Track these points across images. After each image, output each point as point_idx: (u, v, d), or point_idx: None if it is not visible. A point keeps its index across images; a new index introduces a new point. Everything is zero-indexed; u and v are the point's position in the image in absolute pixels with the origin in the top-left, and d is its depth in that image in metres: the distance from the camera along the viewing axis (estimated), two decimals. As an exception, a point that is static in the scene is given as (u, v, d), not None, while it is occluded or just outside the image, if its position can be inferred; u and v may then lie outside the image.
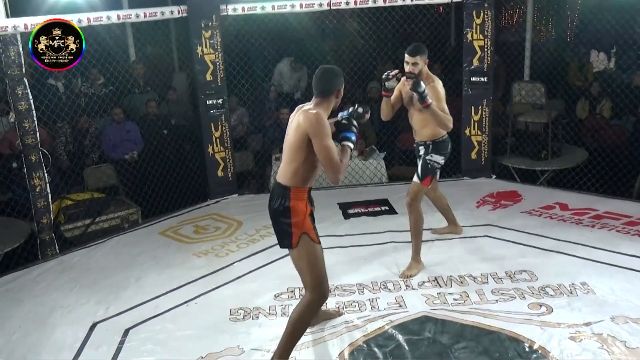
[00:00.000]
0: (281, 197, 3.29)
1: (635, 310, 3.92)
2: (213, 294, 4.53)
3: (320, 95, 3.30)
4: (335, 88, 3.30)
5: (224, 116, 6.37)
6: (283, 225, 3.32)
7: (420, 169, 4.64)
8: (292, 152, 3.25)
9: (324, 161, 3.18)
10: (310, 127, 3.15)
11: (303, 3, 6.21)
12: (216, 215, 6.12)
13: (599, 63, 8.22)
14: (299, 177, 3.27)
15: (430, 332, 3.85)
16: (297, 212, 3.27)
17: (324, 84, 3.30)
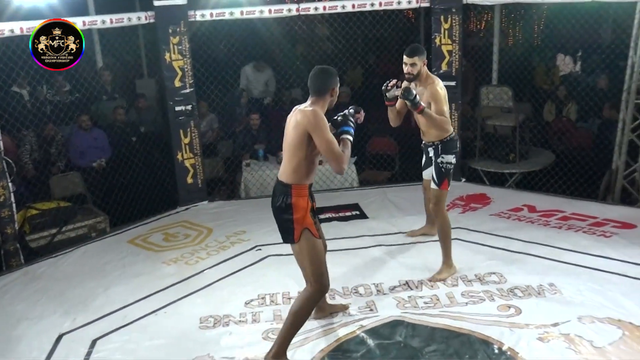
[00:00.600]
0: (283, 194, 3.41)
1: (602, 310, 3.97)
2: (183, 302, 4.48)
3: (315, 94, 3.43)
4: (330, 87, 3.43)
5: (193, 122, 6.32)
6: (285, 222, 3.44)
7: (435, 175, 4.59)
8: (292, 150, 3.38)
9: (326, 153, 3.29)
10: (309, 123, 3.29)
11: (272, 9, 6.22)
12: (186, 222, 6.06)
13: (565, 66, 8.35)
14: (299, 174, 3.39)
15: (401, 335, 3.85)
16: (298, 209, 3.38)
17: (319, 83, 3.43)
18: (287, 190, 3.40)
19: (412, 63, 4.44)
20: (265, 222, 5.80)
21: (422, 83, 4.52)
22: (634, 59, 6.00)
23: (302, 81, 7.84)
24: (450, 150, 4.60)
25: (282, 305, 4.32)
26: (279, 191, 3.44)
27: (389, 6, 6.42)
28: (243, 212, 6.22)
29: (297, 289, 4.50)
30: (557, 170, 6.68)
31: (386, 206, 6.14)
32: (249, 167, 6.85)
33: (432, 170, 4.63)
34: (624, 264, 4.62)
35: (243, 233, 5.65)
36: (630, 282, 4.36)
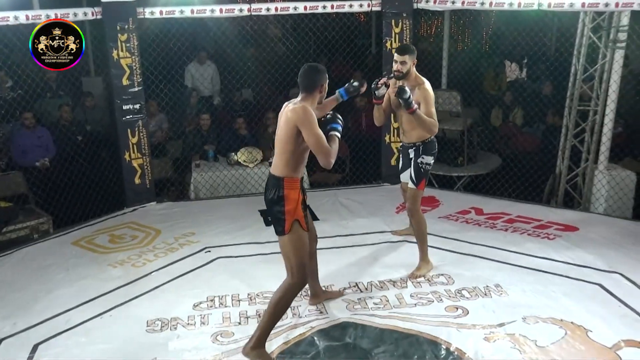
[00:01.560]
0: (275, 187, 3.53)
1: (545, 310, 4.08)
2: (129, 305, 4.38)
3: (305, 91, 3.54)
4: (318, 83, 3.55)
5: (141, 122, 6.19)
6: (277, 214, 3.54)
7: (414, 174, 4.62)
8: (283, 145, 3.50)
9: (314, 147, 3.40)
10: (298, 119, 3.41)
11: (223, 8, 6.15)
12: (133, 223, 5.93)
13: (511, 73, 8.57)
14: (290, 167, 3.51)
15: (350, 337, 3.87)
16: (290, 201, 3.51)
17: (307, 80, 3.54)
18: (279, 182, 3.51)
19: (403, 61, 4.42)
20: (214, 224, 5.78)
21: (412, 82, 4.47)
22: (577, 67, 6.19)
23: (253, 82, 7.83)
24: (430, 151, 4.64)
25: (232, 307, 4.27)
26: (271, 184, 3.56)
27: (340, 9, 6.44)
28: (192, 213, 6.13)
29: (246, 290, 4.48)
30: (504, 174, 6.83)
31: (337, 208, 6.15)
32: (199, 167, 6.76)
33: (411, 171, 4.64)
34: (566, 266, 4.75)
35: (192, 235, 5.57)
36: (572, 282, 4.50)
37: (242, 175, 6.73)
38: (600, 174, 6.07)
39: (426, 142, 4.62)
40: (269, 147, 6.95)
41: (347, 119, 7.57)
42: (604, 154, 6.07)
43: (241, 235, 5.50)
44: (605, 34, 5.97)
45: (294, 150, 3.48)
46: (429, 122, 4.43)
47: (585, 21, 6.07)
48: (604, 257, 4.87)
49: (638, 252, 4.96)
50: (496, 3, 6.02)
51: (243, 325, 4.05)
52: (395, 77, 4.50)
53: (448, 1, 6.37)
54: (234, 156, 6.83)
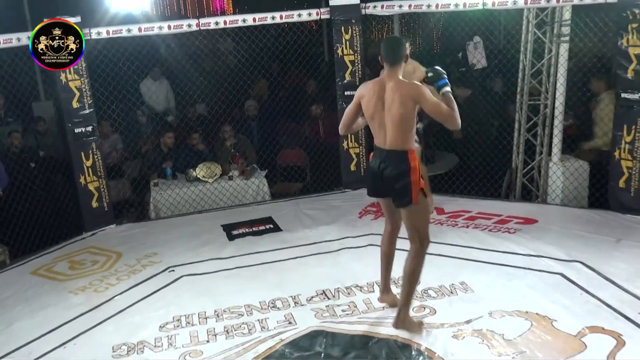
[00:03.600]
0: (400, 160, 3.66)
1: (511, 304, 4.13)
2: (93, 332, 4.28)
3: (397, 64, 3.70)
4: (404, 53, 3.74)
5: (94, 144, 6.08)
6: (405, 185, 3.65)
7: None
8: (403, 121, 3.64)
9: (440, 115, 3.58)
10: (415, 94, 3.59)
11: (171, 24, 6.10)
12: (93, 248, 5.81)
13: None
14: (410, 140, 3.69)
15: (321, 346, 3.85)
16: (415, 171, 3.65)
17: (397, 52, 3.70)
18: (404, 156, 3.65)
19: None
20: (177, 242, 5.71)
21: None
22: (525, 63, 6.33)
23: (207, 97, 7.78)
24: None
25: (199, 325, 4.21)
26: (395, 159, 3.68)
27: (289, 19, 6.46)
28: (153, 233, 6.04)
29: (213, 307, 4.42)
30: (462, 172, 6.92)
31: (299, 218, 6.14)
32: (157, 186, 6.67)
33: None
34: (528, 258, 4.83)
35: (154, 255, 5.48)
36: (535, 274, 4.57)
37: (202, 191, 6.67)
38: (554, 166, 6.20)
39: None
40: (228, 161, 6.92)
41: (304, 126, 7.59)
42: (557, 146, 6.20)
43: (204, 252, 5.44)
44: (549, 29, 6.12)
45: (413, 123, 3.67)
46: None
47: (529, 18, 6.21)
48: (564, 247, 4.97)
49: (596, 240, 5.08)
50: (442, 5, 6.11)
51: (212, 342, 4.00)
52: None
53: (395, 5, 6.45)
54: (192, 172, 6.76)
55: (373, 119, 3.77)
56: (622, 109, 5.48)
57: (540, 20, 6.13)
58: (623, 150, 5.49)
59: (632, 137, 5.41)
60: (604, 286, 4.31)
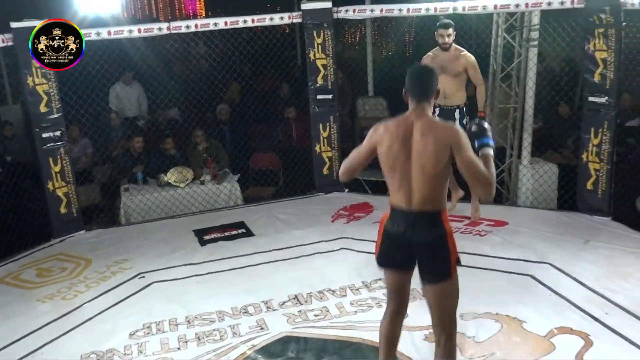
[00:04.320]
0: (435, 225, 2.91)
1: (481, 306, 4.17)
2: (61, 340, 4.20)
3: (427, 99, 2.95)
4: (436, 87, 3.00)
5: (63, 149, 5.98)
6: (443, 256, 2.93)
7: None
8: (437, 172, 2.85)
9: (475, 175, 2.81)
10: (453, 139, 2.82)
11: (142, 28, 6.04)
12: (61, 255, 5.70)
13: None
14: (443, 197, 2.94)
15: (293, 351, 3.84)
16: (451, 236, 2.94)
17: (429, 85, 2.97)
18: (437, 218, 2.90)
19: (449, 34, 5.23)
20: (147, 248, 5.64)
21: (453, 52, 5.30)
22: (495, 67, 6.40)
23: (178, 101, 7.72)
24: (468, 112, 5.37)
25: (170, 332, 4.17)
26: (427, 223, 2.90)
27: (261, 23, 6.44)
28: (124, 239, 5.96)
29: (184, 314, 4.38)
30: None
31: (272, 222, 6.11)
32: (128, 191, 6.58)
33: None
34: (498, 260, 4.88)
35: (125, 261, 5.40)
36: (505, 276, 4.62)
37: (173, 196, 6.61)
38: (524, 169, 6.27)
39: (466, 103, 5.38)
40: (200, 166, 6.87)
41: (276, 130, 7.57)
42: (527, 149, 6.28)
43: (175, 258, 5.39)
44: (518, 34, 6.20)
45: (447, 177, 2.91)
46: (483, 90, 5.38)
47: (498, 22, 6.28)
48: (534, 248, 5.03)
49: (565, 242, 5.15)
50: (413, 9, 6.17)
51: (182, 350, 3.96)
52: (443, 49, 5.29)
53: (367, 10, 6.48)
54: (163, 177, 6.70)
55: (394, 171, 2.95)
56: (589, 112, 5.57)
57: (510, 24, 6.21)
58: (590, 153, 5.58)
59: (599, 140, 5.50)
60: (572, 287, 4.37)
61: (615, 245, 5.01)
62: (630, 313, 3.97)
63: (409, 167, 2.90)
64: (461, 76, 5.30)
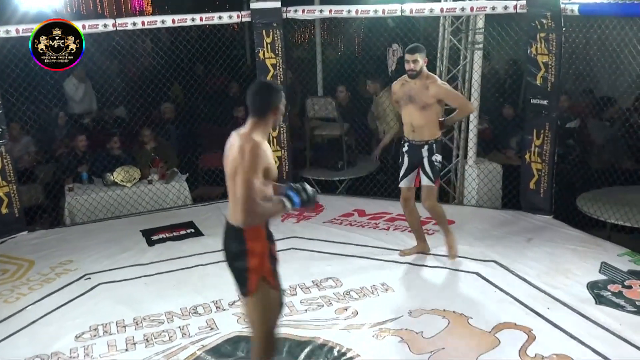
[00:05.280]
0: (234, 239, 2.95)
1: (429, 303, 4.26)
2: (4, 344, 4.07)
3: (256, 115, 2.96)
4: (273, 105, 2.96)
5: (4, 147, 5.79)
6: (239, 271, 2.97)
7: (430, 172, 4.75)
8: (235, 187, 2.87)
9: (239, 196, 2.79)
10: (241, 158, 2.82)
11: (86, 24, 5.88)
12: (3, 256, 5.51)
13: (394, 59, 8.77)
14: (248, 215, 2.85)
15: (243, 351, 3.82)
16: (254, 255, 2.93)
17: (259, 101, 2.96)
18: (238, 235, 2.92)
19: (415, 60, 4.57)
20: (93, 249, 5.53)
21: (423, 81, 4.66)
22: (441, 68, 6.52)
23: (125, 99, 7.57)
24: (439, 149, 4.82)
25: (117, 334, 4.10)
26: (230, 235, 2.97)
27: (210, 21, 6.38)
28: (69, 240, 5.82)
29: (132, 315, 4.32)
30: (382, 175, 7.04)
31: (221, 221, 5.90)
32: (73, 191, 6.43)
33: (427, 169, 4.75)
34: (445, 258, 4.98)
35: (70, 262, 5.28)
36: (452, 273, 4.74)
37: (120, 195, 6.48)
38: (470, 169, 6.42)
39: (437, 139, 4.79)
40: (147, 165, 6.76)
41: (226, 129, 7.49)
42: (472, 150, 6.42)
43: (123, 258, 5.29)
44: (464, 37, 6.34)
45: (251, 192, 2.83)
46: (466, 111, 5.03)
47: (445, 25, 6.41)
48: (479, 246, 5.16)
49: (509, 240, 5.31)
50: (362, 11, 6.23)
51: (130, 351, 3.90)
52: (409, 77, 4.68)
53: (316, 10, 6.51)
54: (110, 176, 6.56)
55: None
56: (531, 114, 5.74)
57: (456, 27, 6.34)
58: (533, 154, 5.75)
59: (541, 141, 5.68)
60: (516, 284, 4.51)
61: (556, 243, 5.19)
62: (570, 308, 4.13)
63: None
64: (430, 108, 4.64)
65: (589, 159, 6.37)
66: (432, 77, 4.71)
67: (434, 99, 4.65)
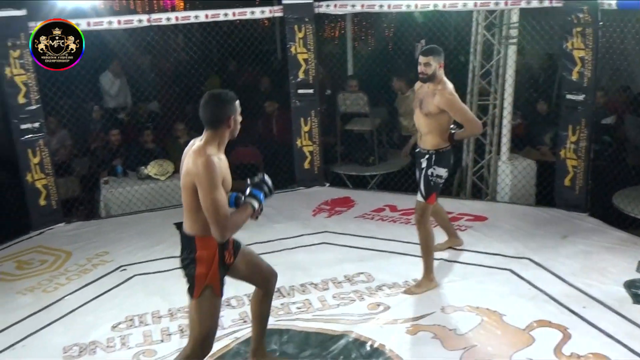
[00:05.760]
0: (186, 247, 3.03)
1: (462, 299, 4.24)
2: (43, 333, 4.18)
3: (209, 127, 2.94)
4: (225, 116, 2.94)
5: (42, 141, 5.91)
6: (188, 276, 3.07)
7: (423, 187, 4.40)
8: (187, 198, 2.93)
9: (208, 214, 2.82)
10: (197, 175, 2.82)
11: (121, 19, 5.98)
12: (41, 247, 5.65)
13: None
14: (200, 224, 2.94)
15: (276, 344, 3.86)
16: (203, 263, 3.00)
17: (210, 113, 2.93)
18: (189, 243, 3.00)
19: (426, 63, 4.21)
20: (128, 241, 5.62)
21: (433, 87, 4.27)
22: (474, 64, 6.47)
23: (159, 93, 7.67)
24: (442, 162, 4.38)
25: (152, 325, 4.17)
26: (183, 242, 3.06)
27: (242, 16, 6.41)
28: (104, 232, 5.93)
29: (166, 306, 4.39)
30: (414, 170, 6.98)
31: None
32: (108, 184, 6.54)
33: (420, 182, 4.43)
34: (478, 255, 4.95)
35: (105, 254, 5.38)
36: (485, 270, 4.70)
37: (153, 189, 6.57)
38: (503, 165, 6.36)
39: (440, 151, 4.35)
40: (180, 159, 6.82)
41: (257, 124, 7.56)
42: (506, 145, 6.36)
43: (157, 251, 5.37)
44: (497, 31, 6.27)
45: (199, 206, 2.87)
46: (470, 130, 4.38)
47: (478, 20, 6.35)
48: (513, 243, 5.11)
49: (543, 237, 5.24)
50: (394, 5, 6.20)
51: (166, 342, 3.97)
52: (420, 80, 4.36)
53: (348, 5, 6.50)
54: (144, 170, 6.66)
55: None
56: (567, 109, 5.66)
57: (489, 22, 6.28)
58: (568, 150, 5.67)
59: (576, 137, 5.60)
60: (550, 281, 4.46)
61: (591, 241, 5.11)
62: (607, 306, 4.07)
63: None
64: (434, 117, 4.28)
65: (625, 156, 6.26)
66: (443, 85, 4.27)
67: (437, 109, 4.25)
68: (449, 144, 4.38)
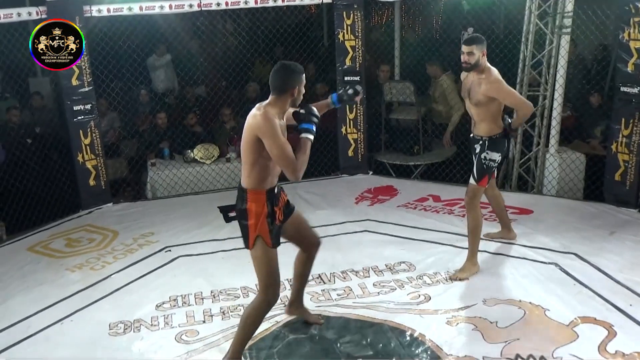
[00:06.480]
0: (240, 199, 3.32)
1: (504, 292, 4.19)
2: (90, 309, 4.31)
3: (274, 93, 3.24)
4: (289, 86, 3.22)
5: (93, 122, 6.07)
6: (242, 227, 3.34)
7: (475, 169, 4.45)
8: (245, 154, 3.25)
9: (277, 160, 3.15)
10: (258, 127, 3.12)
11: (172, 4, 6.06)
12: (90, 226, 5.82)
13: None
14: (253, 178, 3.26)
15: (315, 329, 3.89)
16: (252, 214, 3.28)
17: (278, 80, 3.24)
18: (243, 195, 3.29)
19: (470, 52, 4.24)
20: (173, 223, 5.73)
21: (479, 76, 4.32)
22: (525, 53, 6.33)
23: (207, 78, 7.76)
24: (497, 147, 4.43)
25: (195, 306, 4.25)
26: (238, 195, 3.34)
27: (291, 2, 6.43)
28: (150, 213, 6.06)
29: (209, 288, 4.46)
30: (459, 161, 6.92)
31: (296, 201, 5.98)
32: (155, 166, 6.67)
33: (474, 164, 4.48)
34: (522, 248, 4.87)
35: (151, 235, 5.50)
36: (529, 264, 4.61)
37: (199, 172, 6.68)
38: (551, 157, 6.23)
39: (493, 137, 4.41)
40: (226, 143, 6.92)
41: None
42: (554, 138, 6.23)
43: (201, 233, 5.47)
44: (551, 20, 6.11)
45: (255, 160, 3.20)
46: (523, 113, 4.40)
47: (531, 8, 6.20)
48: (559, 238, 5.01)
49: (590, 232, 5.12)
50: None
51: (207, 323, 4.04)
52: (464, 69, 4.41)
53: (398, -9, 6.43)
54: (190, 153, 6.77)
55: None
56: (620, 102, 5.50)
57: (543, 11, 6.12)
58: (620, 144, 5.52)
59: (629, 130, 5.44)
60: (596, 277, 4.36)
61: (641, 238, 4.98)
62: (655, 305, 3.97)
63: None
64: (482, 106, 4.35)
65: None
66: (488, 73, 4.28)
67: (486, 97, 4.28)
68: (502, 130, 4.44)
